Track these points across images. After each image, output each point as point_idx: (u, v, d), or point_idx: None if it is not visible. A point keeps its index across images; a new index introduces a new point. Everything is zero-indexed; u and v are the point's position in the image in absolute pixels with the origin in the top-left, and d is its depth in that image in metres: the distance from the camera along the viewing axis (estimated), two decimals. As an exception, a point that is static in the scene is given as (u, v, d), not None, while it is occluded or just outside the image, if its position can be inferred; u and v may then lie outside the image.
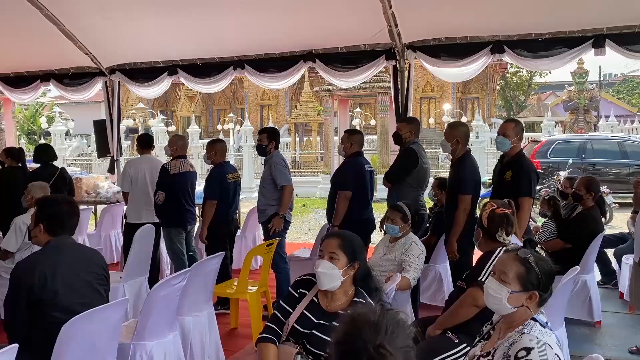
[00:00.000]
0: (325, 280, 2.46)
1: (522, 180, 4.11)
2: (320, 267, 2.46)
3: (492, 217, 3.13)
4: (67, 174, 6.29)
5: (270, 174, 5.04)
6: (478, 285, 2.85)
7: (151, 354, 3.18)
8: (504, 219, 3.11)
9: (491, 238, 3.11)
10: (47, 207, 2.83)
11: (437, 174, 14.09)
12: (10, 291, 2.66)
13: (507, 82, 39.46)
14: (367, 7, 5.30)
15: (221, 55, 6.48)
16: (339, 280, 2.45)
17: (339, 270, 2.45)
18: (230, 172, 5.30)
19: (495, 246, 3.03)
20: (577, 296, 4.69)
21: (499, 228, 3.09)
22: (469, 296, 2.93)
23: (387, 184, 4.84)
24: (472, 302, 2.89)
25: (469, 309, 2.90)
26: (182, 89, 29.61)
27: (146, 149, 5.92)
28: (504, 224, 3.09)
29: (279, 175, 5.00)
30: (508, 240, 3.10)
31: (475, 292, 2.86)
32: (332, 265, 2.45)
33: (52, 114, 27.37)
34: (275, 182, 5.00)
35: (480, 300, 2.78)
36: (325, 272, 2.45)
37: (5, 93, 7.79)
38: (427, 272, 5.00)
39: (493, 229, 3.10)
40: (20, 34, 6.57)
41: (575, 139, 14.23)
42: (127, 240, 5.51)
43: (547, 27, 5.23)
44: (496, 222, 3.10)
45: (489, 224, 3.13)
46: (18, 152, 6.35)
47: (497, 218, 3.11)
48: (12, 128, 19.92)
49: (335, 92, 18.82)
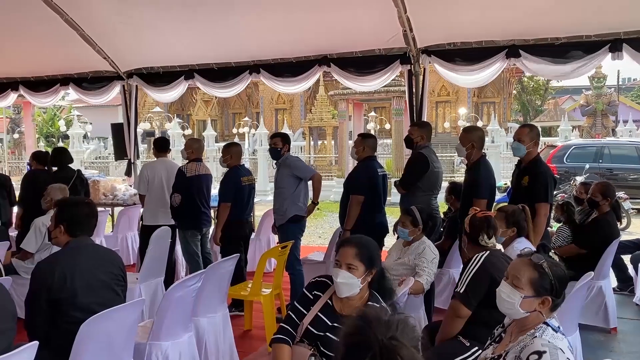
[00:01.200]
0: (344, 289, 2.48)
1: (538, 186, 4.10)
2: (339, 277, 2.47)
3: (472, 221, 3.14)
4: (84, 177, 6.39)
5: (291, 173, 5.11)
6: (456, 297, 2.86)
7: (166, 354, 3.23)
8: (485, 222, 3.11)
9: (475, 243, 3.11)
10: (67, 209, 2.89)
11: (452, 179, 14.03)
12: (31, 291, 2.72)
13: (523, 86, 39.14)
14: (382, 12, 5.31)
15: (237, 60, 6.54)
16: (358, 288, 2.48)
17: (357, 279, 2.47)
18: (245, 175, 5.35)
19: (481, 251, 3.00)
20: (592, 302, 4.65)
21: (480, 232, 3.09)
22: (450, 309, 2.92)
23: (400, 190, 4.84)
24: (454, 314, 2.87)
25: (454, 322, 2.87)
26: (198, 93, 29.85)
27: (162, 152, 6.01)
28: (485, 228, 3.09)
29: (302, 170, 5.15)
30: (492, 244, 3.10)
31: (454, 304, 2.86)
32: (351, 275, 2.46)
33: (70, 117, 27.76)
34: (300, 178, 5.10)
35: (461, 311, 2.82)
36: (345, 282, 2.47)
37: (26, 97, 7.94)
38: (441, 277, 5.00)
39: (474, 233, 3.11)
40: (41, 38, 6.71)
41: (592, 144, 14.09)
42: (143, 242, 5.58)
43: (563, 31, 5.19)
44: (477, 227, 3.11)
45: (471, 228, 3.14)
46: (44, 155, 6.50)
47: (478, 222, 3.12)
48: (31, 131, 20.30)
49: (350, 96, 18.84)
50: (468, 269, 2.88)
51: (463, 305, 2.82)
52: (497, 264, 2.82)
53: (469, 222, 3.15)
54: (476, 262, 2.87)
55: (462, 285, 2.84)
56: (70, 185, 5.62)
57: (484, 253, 2.92)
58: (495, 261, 2.85)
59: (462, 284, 2.85)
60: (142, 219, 5.95)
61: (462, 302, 2.82)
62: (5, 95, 7.86)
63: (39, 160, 6.33)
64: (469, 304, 2.81)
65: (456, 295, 2.86)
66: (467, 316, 2.83)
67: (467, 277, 2.84)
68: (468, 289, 2.82)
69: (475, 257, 2.90)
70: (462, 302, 2.82)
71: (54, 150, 6.71)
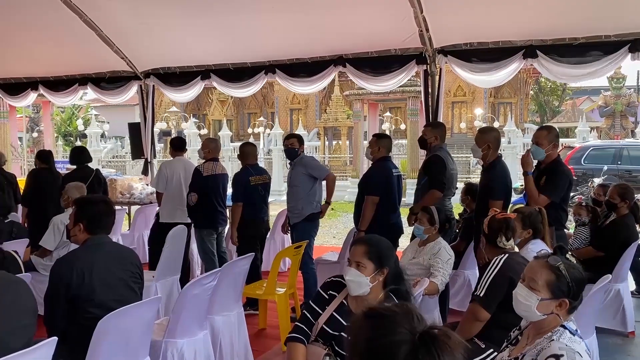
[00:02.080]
0: (354, 287, 2.49)
1: (549, 183, 4.09)
2: (348, 275, 2.49)
3: (491, 223, 3.11)
4: (102, 176, 6.47)
5: (306, 172, 5.13)
6: (475, 300, 2.84)
7: (182, 351, 3.25)
8: (503, 224, 3.08)
9: (493, 245, 3.09)
10: (86, 207, 2.93)
11: (468, 180, 13.94)
12: (50, 287, 2.77)
13: (540, 87, 38.73)
14: (398, 12, 5.29)
15: (253, 60, 6.58)
16: (367, 287, 2.48)
17: (366, 278, 2.47)
18: (255, 175, 5.35)
19: (499, 253, 2.98)
20: (610, 305, 4.60)
21: (498, 234, 3.06)
22: (469, 312, 2.89)
23: (438, 194, 4.58)
24: (473, 318, 2.85)
25: (473, 325, 2.85)
26: (214, 93, 30.01)
27: (179, 151, 6.07)
28: (504, 230, 3.06)
29: (317, 170, 5.19)
30: (510, 246, 3.07)
31: (474, 307, 2.84)
32: (359, 273, 2.47)
33: (88, 116, 28.09)
34: (314, 177, 5.12)
35: (480, 314, 2.79)
36: (353, 280, 2.48)
37: (46, 96, 8.06)
38: (456, 278, 4.97)
39: (492, 235, 3.08)
40: (61, 39, 6.80)
41: (611, 145, 13.91)
42: (156, 239, 5.62)
43: (582, 31, 5.13)
44: (495, 228, 3.08)
45: (489, 230, 3.11)
46: (46, 154, 6.60)
47: (496, 224, 3.09)
48: (50, 130, 20.60)
49: (365, 96, 18.83)
50: (487, 273, 2.85)
51: (483, 309, 2.79)
52: (516, 267, 2.79)
53: (487, 224, 3.12)
54: (495, 265, 2.85)
55: (482, 289, 2.82)
56: (87, 184, 5.69)
57: (503, 256, 2.89)
58: (514, 264, 2.83)
59: (482, 287, 2.83)
60: (157, 216, 6.00)
61: (482, 306, 2.80)
62: (26, 95, 7.99)
63: (41, 159, 6.43)
64: (489, 307, 2.79)
65: (476, 298, 2.83)
66: (486, 319, 2.80)
67: (487, 281, 2.82)
68: (488, 292, 2.80)
69: (495, 261, 2.88)
70: (482, 306, 2.80)
71: (73, 149, 6.78)
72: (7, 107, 12.00)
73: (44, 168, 6.37)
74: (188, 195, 5.43)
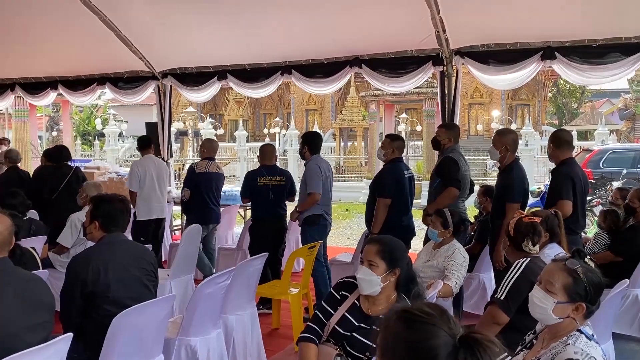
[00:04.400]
0: (365, 285, 2.48)
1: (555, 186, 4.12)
2: (360, 273, 2.49)
3: (517, 226, 3.04)
4: (82, 174, 6.48)
5: (304, 177, 5.12)
6: (495, 303, 2.79)
7: (195, 349, 3.27)
8: (530, 228, 3.00)
9: (517, 248, 3.02)
10: (102, 205, 2.96)
11: (484, 182, 13.84)
12: (66, 284, 2.81)
13: (559, 89, 38.29)
14: (414, 13, 5.27)
15: (269, 61, 6.60)
16: (378, 286, 2.47)
17: (377, 277, 2.46)
18: (267, 176, 5.32)
19: (522, 256, 2.93)
20: (628, 311, 4.52)
21: (525, 237, 2.98)
22: (488, 315, 2.84)
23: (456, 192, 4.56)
24: (492, 320, 2.81)
25: (491, 328, 2.79)
26: (231, 93, 30.19)
27: (145, 149, 6.28)
28: (531, 234, 2.98)
29: (309, 182, 5.06)
30: (534, 251, 3.00)
31: (493, 310, 2.80)
32: (370, 271, 2.46)
33: (106, 115, 28.41)
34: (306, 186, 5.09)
35: (500, 318, 2.75)
36: (364, 278, 2.47)
37: (65, 95, 8.17)
38: (470, 281, 4.93)
39: (519, 238, 3.00)
40: (80, 39, 6.90)
41: (630, 149, 13.70)
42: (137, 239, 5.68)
43: (601, 33, 5.06)
44: (522, 231, 3.00)
45: (515, 233, 3.04)
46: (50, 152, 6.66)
47: (523, 227, 3.01)
48: (69, 129, 20.91)
49: (381, 97, 18.80)
50: (509, 276, 2.81)
51: (502, 312, 2.75)
52: (537, 271, 2.75)
53: (513, 227, 3.05)
54: (517, 268, 2.81)
55: (503, 292, 2.78)
56: (65, 182, 6.01)
57: (525, 260, 2.85)
58: (535, 268, 2.78)
59: (503, 290, 2.78)
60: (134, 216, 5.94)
61: (502, 309, 2.76)
62: (46, 94, 8.12)
63: (47, 157, 6.53)
64: (509, 311, 2.75)
65: (496, 301, 2.79)
66: (504, 323, 2.76)
67: (508, 284, 2.78)
68: (509, 296, 2.75)
69: (516, 264, 2.84)
70: (502, 309, 2.76)
71: (53, 149, 6.88)
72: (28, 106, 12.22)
73: (48, 165, 6.43)
74: (182, 191, 5.73)
